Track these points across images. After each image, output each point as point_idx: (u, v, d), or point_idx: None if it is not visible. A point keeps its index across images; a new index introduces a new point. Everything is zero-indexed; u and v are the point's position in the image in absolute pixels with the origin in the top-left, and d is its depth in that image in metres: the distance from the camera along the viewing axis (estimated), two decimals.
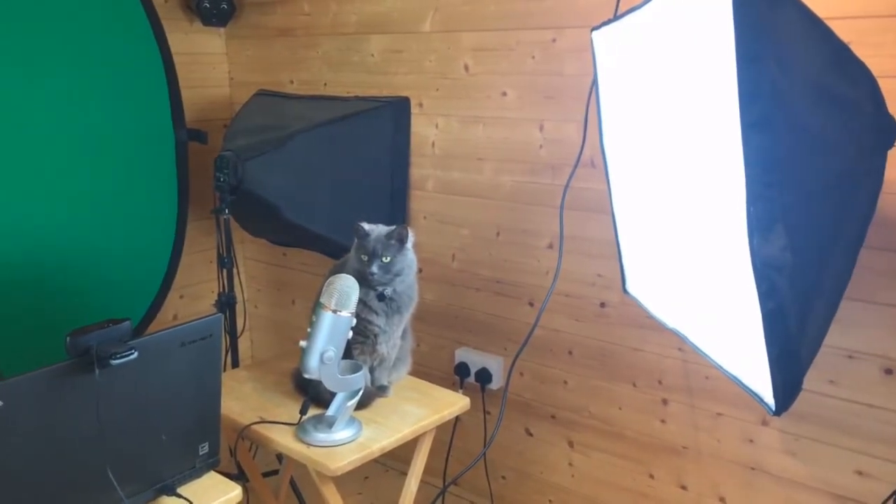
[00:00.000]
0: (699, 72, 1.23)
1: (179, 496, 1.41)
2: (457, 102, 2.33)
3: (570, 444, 2.28)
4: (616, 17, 1.60)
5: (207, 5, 2.79)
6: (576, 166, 1.97)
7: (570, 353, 2.22)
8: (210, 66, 2.94)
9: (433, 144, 2.42)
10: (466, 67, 2.29)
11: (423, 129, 2.43)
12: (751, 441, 1.92)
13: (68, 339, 1.24)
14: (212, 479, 1.50)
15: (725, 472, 1.99)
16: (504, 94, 2.22)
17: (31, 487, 1.22)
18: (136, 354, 1.28)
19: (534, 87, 2.15)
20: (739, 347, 1.31)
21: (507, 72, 2.20)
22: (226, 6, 2.83)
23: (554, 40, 2.09)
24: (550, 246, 2.20)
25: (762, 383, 1.24)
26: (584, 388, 2.22)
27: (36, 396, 1.20)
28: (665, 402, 2.06)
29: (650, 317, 1.76)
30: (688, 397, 2.02)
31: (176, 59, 2.67)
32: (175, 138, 2.71)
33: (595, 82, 1.78)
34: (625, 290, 1.89)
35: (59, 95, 2.41)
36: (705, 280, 1.39)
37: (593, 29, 1.71)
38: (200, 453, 1.48)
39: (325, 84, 2.68)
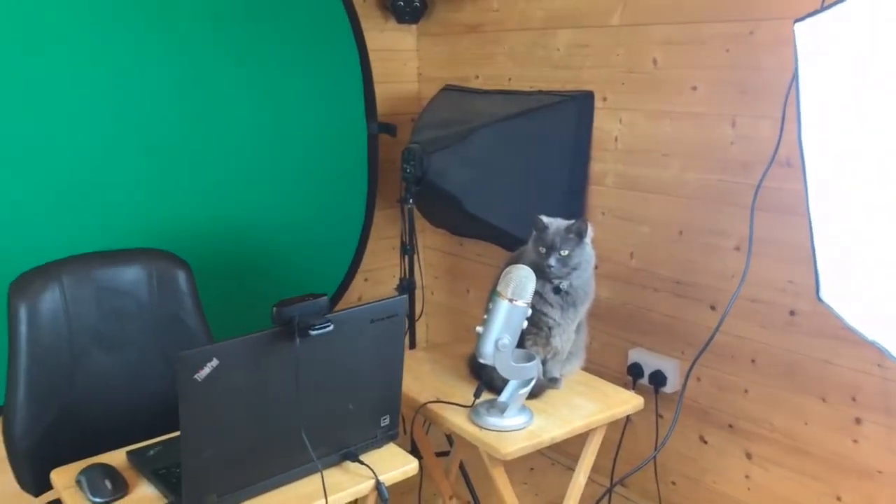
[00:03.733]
0: None
1: (362, 463, 1.50)
2: (643, 97, 2.29)
3: (748, 455, 2.18)
4: (822, 9, 1.51)
5: (401, 3, 2.92)
6: (770, 165, 1.88)
7: (752, 361, 2.12)
8: (401, 62, 3.08)
9: (616, 139, 2.39)
10: (655, 61, 2.24)
11: (607, 124, 2.41)
12: None
13: (274, 309, 1.36)
14: (390, 451, 1.58)
15: None
16: (694, 88, 2.15)
17: (237, 437, 1.36)
18: (332, 327, 1.38)
19: (727, 82, 2.07)
20: None
21: (699, 66, 2.13)
22: (418, 4, 2.94)
23: (751, 33, 1.99)
24: (738, 248, 2.11)
25: None
26: (766, 398, 2.11)
27: (245, 358, 1.34)
28: (858, 420, 1.92)
29: (846, 327, 1.65)
30: (886, 417, 1.86)
31: (370, 55, 2.83)
32: (367, 131, 2.87)
33: (796, 77, 1.68)
34: (819, 298, 1.78)
35: (266, 90, 2.64)
36: None
37: (796, 21, 1.62)
38: (382, 425, 1.57)
39: (510, 79, 2.72)
